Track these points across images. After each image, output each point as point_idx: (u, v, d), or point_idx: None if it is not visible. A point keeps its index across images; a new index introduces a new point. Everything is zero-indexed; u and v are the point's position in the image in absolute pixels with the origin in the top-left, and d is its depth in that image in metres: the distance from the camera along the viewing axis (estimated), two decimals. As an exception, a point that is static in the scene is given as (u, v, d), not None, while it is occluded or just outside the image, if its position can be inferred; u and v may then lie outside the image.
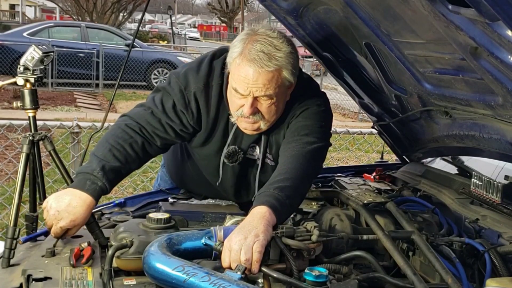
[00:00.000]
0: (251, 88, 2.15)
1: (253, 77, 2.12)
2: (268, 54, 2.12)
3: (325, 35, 2.76)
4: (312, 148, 2.23)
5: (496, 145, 2.35)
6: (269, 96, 2.17)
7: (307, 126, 2.30)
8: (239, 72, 2.15)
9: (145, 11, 3.12)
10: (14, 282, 1.84)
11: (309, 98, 2.37)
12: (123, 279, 1.84)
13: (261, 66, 2.11)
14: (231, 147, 2.39)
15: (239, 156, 2.40)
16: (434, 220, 2.37)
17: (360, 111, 13.53)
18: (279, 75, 2.15)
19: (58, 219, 2.03)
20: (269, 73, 2.12)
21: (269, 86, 2.14)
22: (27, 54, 2.11)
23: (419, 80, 2.45)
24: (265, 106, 2.20)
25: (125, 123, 2.30)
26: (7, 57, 14.68)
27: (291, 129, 2.32)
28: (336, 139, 6.66)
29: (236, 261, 1.73)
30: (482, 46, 1.71)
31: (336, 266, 1.89)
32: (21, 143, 2.15)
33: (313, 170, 2.26)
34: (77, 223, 2.05)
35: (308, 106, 2.34)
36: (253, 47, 2.12)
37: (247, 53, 2.12)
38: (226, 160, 2.41)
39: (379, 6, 2.16)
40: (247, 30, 2.21)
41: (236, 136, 2.38)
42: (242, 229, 1.81)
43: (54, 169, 6.00)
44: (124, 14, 32.00)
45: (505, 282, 1.71)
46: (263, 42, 2.13)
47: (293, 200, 2.06)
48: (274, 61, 2.12)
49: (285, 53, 2.14)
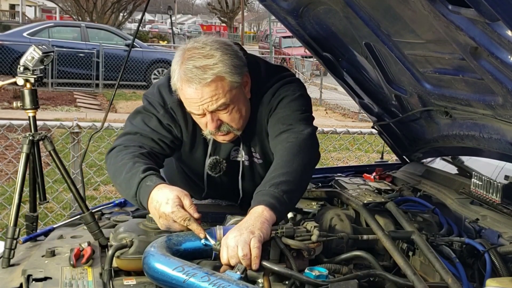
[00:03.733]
0: (202, 106, 2.11)
1: (197, 95, 2.08)
2: (201, 67, 2.07)
3: (325, 35, 2.76)
4: (301, 138, 2.17)
5: (496, 145, 2.35)
6: (223, 105, 2.12)
7: (289, 116, 2.24)
8: (185, 96, 2.13)
9: (145, 11, 3.12)
10: (14, 282, 1.84)
11: (282, 87, 2.30)
12: (123, 279, 1.84)
13: (199, 82, 2.06)
14: (212, 158, 2.36)
15: (222, 166, 2.36)
16: (434, 220, 2.37)
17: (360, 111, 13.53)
18: (222, 81, 2.09)
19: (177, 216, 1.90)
20: (210, 84, 2.07)
21: (217, 96, 2.09)
22: (27, 54, 2.11)
23: (419, 80, 2.45)
24: (227, 116, 2.16)
25: (122, 148, 2.19)
26: (7, 57, 14.69)
27: (272, 123, 2.27)
28: (336, 139, 6.66)
29: (234, 257, 1.73)
30: (482, 46, 1.71)
31: (336, 266, 1.89)
32: (21, 143, 2.16)
33: (309, 158, 2.17)
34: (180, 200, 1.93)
35: (283, 95, 2.28)
36: (187, 67, 2.08)
37: (183, 75, 2.08)
38: (210, 172, 2.37)
39: (379, 6, 2.16)
40: (179, 50, 2.16)
41: (216, 146, 2.35)
42: (238, 227, 1.82)
43: (54, 169, 6.00)
44: (124, 14, 31.99)
45: (505, 282, 1.71)
46: (194, 57, 2.08)
47: (291, 194, 2.01)
48: (209, 71, 2.06)
49: (217, 59, 2.08)
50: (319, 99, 16.62)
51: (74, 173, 4.95)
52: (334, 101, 16.75)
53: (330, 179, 2.99)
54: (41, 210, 5.22)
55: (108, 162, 2.22)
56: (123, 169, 2.09)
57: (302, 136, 2.18)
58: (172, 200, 1.90)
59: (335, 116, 14.84)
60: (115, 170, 2.14)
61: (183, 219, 1.88)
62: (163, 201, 1.91)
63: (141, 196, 1.99)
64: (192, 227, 1.87)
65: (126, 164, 2.09)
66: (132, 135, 2.25)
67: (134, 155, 2.13)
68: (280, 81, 2.32)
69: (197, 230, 1.86)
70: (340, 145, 6.98)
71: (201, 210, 1.96)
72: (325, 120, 13.44)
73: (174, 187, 1.98)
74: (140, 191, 2.00)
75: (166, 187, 1.97)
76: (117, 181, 2.12)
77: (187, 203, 1.93)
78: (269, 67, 2.35)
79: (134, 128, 2.28)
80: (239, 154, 2.38)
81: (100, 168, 6.62)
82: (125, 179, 2.06)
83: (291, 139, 2.17)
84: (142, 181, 2.00)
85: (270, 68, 2.36)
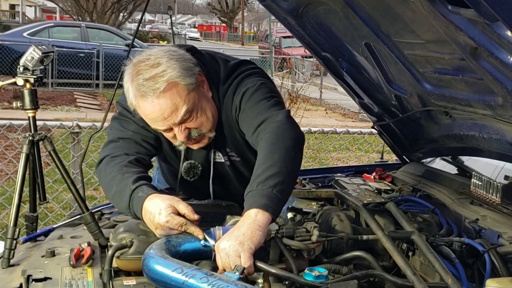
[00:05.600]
0: (166, 120, 2.05)
1: (155, 108, 2.02)
2: (151, 78, 2.01)
3: (325, 35, 2.76)
4: (277, 125, 2.04)
5: (496, 145, 2.35)
6: (187, 112, 2.06)
7: (256, 109, 2.14)
8: (145, 113, 2.07)
9: (145, 11, 3.12)
10: (14, 282, 1.84)
11: (240, 84, 2.22)
12: (123, 279, 1.84)
13: (153, 92, 2.00)
14: (186, 163, 2.32)
15: (197, 171, 2.32)
16: (434, 220, 2.37)
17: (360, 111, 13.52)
18: (176, 87, 2.03)
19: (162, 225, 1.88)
20: (165, 93, 2.01)
21: (177, 105, 2.04)
22: (26, 54, 2.11)
23: (419, 80, 2.45)
24: (193, 122, 2.11)
25: (110, 160, 2.15)
26: (7, 57, 14.69)
27: (245, 122, 2.18)
28: (336, 139, 6.66)
29: (227, 266, 1.71)
30: (481, 46, 1.71)
31: (336, 266, 1.89)
32: (21, 143, 2.15)
33: (291, 143, 2.00)
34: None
35: (243, 91, 2.19)
36: (137, 82, 2.02)
37: (136, 91, 2.03)
38: (185, 176, 2.33)
39: (379, 6, 2.16)
40: (126, 69, 2.10)
41: (188, 151, 2.30)
42: (229, 235, 1.77)
43: (54, 169, 6.00)
44: (124, 14, 31.98)
45: (505, 282, 1.71)
46: (141, 71, 2.03)
47: (281, 186, 1.88)
48: (160, 79, 2.00)
49: (165, 65, 2.02)
50: (319, 99, 16.62)
51: (74, 173, 4.95)
52: (334, 101, 16.74)
53: (330, 179, 2.99)
54: (41, 210, 5.22)
55: (99, 176, 2.19)
56: (113, 182, 2.06)
57: (277, 123, 2.05)
58: (165, 210, 1.87)
59: (335, 116, 14.84)
60: (106, 184, 2.11)
61: (179, 225, 1.85)
62: (156, 212, 1.87)
63: (135, 208, 1.96)
64: (190, 230, 1.85)
65: (115, 176, 2.06)
66: (115, 142, 2.23)
67: (122, 166, 2.10)
68: (238, 78, 2.25)
69: (196, 232, 1.85)
70: (340, 145, 6.98)
71: (200, 210, 1.95)
72: (325, 120, 13.45)
73: (165, 196, 1.94)
74: (132, 203, 1.97)
75: (157, 196, 1.93)
76: (110, 195, 2.10)
77: (181, 207, 1.89)
78: (227, 65, 2.29)
79: (115, 134, 2.26)
80: (216, 156, 2.34)
81: (100, 168, 6.61)
82: (117, 192, 2.04)
83: (268, 130, 2.04)
84: (134, 192, 1.97)
85: (229, 66, 2.30)
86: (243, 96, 2.19)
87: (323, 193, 2.66)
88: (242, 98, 2.19)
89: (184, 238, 1.84)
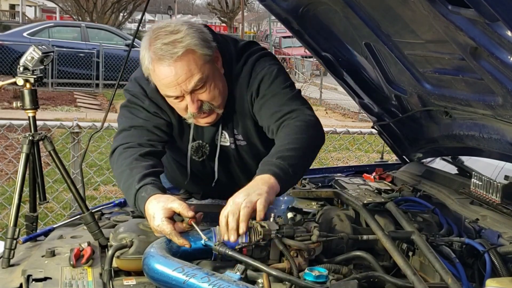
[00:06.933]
0: (179, 85, 2.09)
1: (171, 72, 2.07)
2: (170, 42, 2.05)
3: (325, 35, 2.76)
4: (307, 118, 2.17)
5: (496, 145, 2.35)
6: (200, 81, 2.10)
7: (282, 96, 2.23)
8: (159, 77, 2.10)
9: (145, 11, 3.12)
10: (14, 282, 1.84)
11: (256, 65, 2.29)
12: (123, 279, 1.84)
13: (171, 56, 2.04)
14: (195, 143, 2.36)
15: (205, 150, 2.37)
16: (434, 220, 2.36)
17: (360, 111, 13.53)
18: (193, 54, 2.08)
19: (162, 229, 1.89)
20: (182, 59, 2.05)
21: (192, 72, 2.08)
22: (26, 54, 2.11)
23: (419, 80, 2.45)
24: (206, 95, 2.15)
25: (122, 151, 2.19)
26: (7, 57, 14.69)
27: (265, 107, 2.23)
28: (336, 139, 6.66)
29: (234, 213, 1.78)
30: (482, 46, 1.71)
31: (336, 266, 1.89)
32: (21, 143, 2.15)
33: (317, 140, 2.19)
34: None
35: (262, 75, 2.25)
36: (155, 47, 2.07)
37: (153, 55, 2.07)
38: (194, 156, 2.38)
39: (379, 6, 2.16)
40: (144, 37, 2.15)
41: (198, 131, 2.35)
42: (246, 189, 1.85)
43: (54, 169, 6.00)
44: (124, 14, 31.97)
45: (505, 282, 1.70)
46: (161, 36, 2.07)
47: (296, 168, 2.00)
48: (178, 44, 2.05)
49: (184, 32, 2.07)
50: (319, 99, 16.62)
51: (74, 173, 4.95)
52: (334, 101, 16.74)
53: (330, 179, 2.99)
54: (41, 210, 5.22)
55: (112, 167, 2.24)
56: (122, 177, 2.09)
57: (309, 117, 2.19)
58: (158, 213, 1.87)
59: (335, 116, 14.84)
60: (117, 177, 2.15)
61: (166, 233, 1.84)
62: (151, 215, 1.90)
63: (140, 208, 1.99)
64: (174, 240, 1.84)
65: (124, 171, 2.09)
66: (127, 131, 2.26)
67: (132, 159, 2.12)
68: (251, 58, 2.31)
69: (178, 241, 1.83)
70: (340, 145, 6.98)
71: (201, 210, 1.95)
72: (325, 120, 13.44)
73: (163, 197, 1.94)
74: (137, 203, 2.00)
75: (155, 198, 1.93)
76: (120, 188, 2.14)
77: (175, 206, 1.88)
78: (237, 45, 2.34)
79: (126, 122, 2.29)
80: (222, 137, 2.37)
81: (100, 168, 6.61)
82: (124, 188, 2.07)
83: (299, 119, 2.15)
84: (138, 192, 1.99)
85: (239, 46, 2.35)
86: (261, 81, 2.25)
87: (323, 193, 2.65)
88: (260, 83, 2.25)
89: (184, 237, 1.84)
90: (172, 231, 1.84)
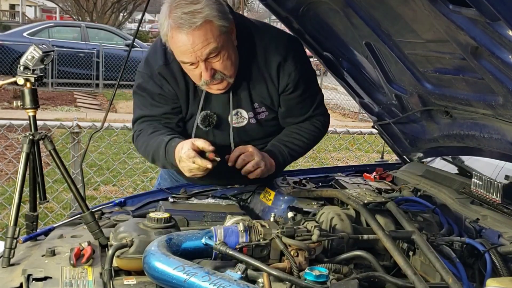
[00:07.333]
0: (195, 52, 2.22)
1: (188, 40, 2.20)
2: (190, 12, 2.18)
3: (325, 34, 2.76)
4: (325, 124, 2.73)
5: (497, 145, 2.35)
6: (215, 50, 2.24)
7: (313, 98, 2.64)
8: (176, 44, 2.24)
9: (145, 11, 3.12)
10: (14, 281, 1.84)
11: (288, 40, 2.55)
12: (123, 278, 1.84)
13: (190, 26, 2.17)
14: (203, 112, 2.50)
15: (212, 119, 2.51)
16: (434, 220, 2.36)
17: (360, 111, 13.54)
18: (211, 25, 2.21)
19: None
20: (200, 29, 2.18)
21: (208, 41, 2.21)
22: (27, 53, 2.11)
23: (419, 80, 2.45)
24: (219, 64, 2.29)
25: (143, 126, 2.52)
26: (7, 57, 14.70)
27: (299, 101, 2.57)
28: (336, 139, 6.66)
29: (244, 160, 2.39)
30: (482, 46, 1.71)
31: (336, 266, 1.89)
32: (21, 142, 2.15)
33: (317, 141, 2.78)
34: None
35: (295, 62, 2.49)
36: (175, 15, 2.19)
37: (172, 23, 2.21)
38: (200, 125, 2.51)
39: (379, 6, 2.16)
40: (164, 5, 2.28)
41: (207, 99, 2.49)
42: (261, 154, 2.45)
43: (54, 169, 6.01)
44: (124, 14, 31.98)
45: (505, 282, 1.70)
46: (181, 5, 2.20)
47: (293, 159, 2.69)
48: (198, 15, 2.18)
49: (204, 3, 2.20)
50: (319, 99, 16.59)
51: (74, 173, 4.95)
52: (334, 101, 16.75)
53: (330, 178, 2.99)
54: (41, 210, 5.22)
55: (137, 147, 2.59)
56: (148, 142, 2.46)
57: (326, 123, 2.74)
58: (185, 146, 2.25)
59: (335, 116, 14.85)
60: (143, 145, 2.49)
61: (191, 156, 2.21)
62: (180, 150, 2.27)
63: (169, 154, 2.34)
64: (197, 162, 2.21)
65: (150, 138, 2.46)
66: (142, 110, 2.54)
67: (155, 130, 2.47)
68: (275, 30, 2.60)
69: (201, 163, 2.21)
70: (340, 145, 6.98)
71: (201, 210, 1.97)
72: (325, 120, 13.42)
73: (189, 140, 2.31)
74: (168, 152, 2.35)
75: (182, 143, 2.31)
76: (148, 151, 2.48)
77: (198, 142, 2.25)
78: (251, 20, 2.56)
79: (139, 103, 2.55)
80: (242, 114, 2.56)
81: (100, 168, 6.62)
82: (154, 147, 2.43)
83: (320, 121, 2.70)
84: (168, 144, 2.35)
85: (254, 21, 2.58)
86: (288, 58, 2.47)
87: (324, 192, 2.65)
88: (295, 70, 2.49)
89: (185, 236, 1.84)
90: (196, 155, 2.21)
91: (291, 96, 2.53)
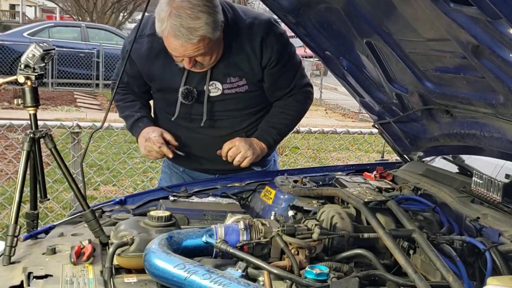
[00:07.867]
0: (184, 55, 2.45)
1: (181, 47, 2.40)
2: (189, 28, 2.32)
3: (325, 33, 2.76)
4: (309, 96, 2.95)
5: (497, 144, 2.35)
6: (203, 54, 2.46)
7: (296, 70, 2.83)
8: (169, 45, 2.44)
9: (145, 11, 3.11)
10: (15, 279, 1.84)
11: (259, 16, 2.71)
12: (124, 276, 1.84)
13: (186, 40, 2.35)
14: (184, 88, 2.63)
15: (194, 95, 2.67)
16: (435, 219, 2.36)
17: (360, 111, 13.55)
18: (205, 38, 2.39)
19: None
20: (195, 43, 2.38)
21: (199, 50, 2.42)
22: (28, 51, 2.11)
23: (420, 79, 2.44)
24: (202, 58, 2.50)
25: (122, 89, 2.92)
26: (7, 57, 14.70)
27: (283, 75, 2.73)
28: (336, 139, 6.66)
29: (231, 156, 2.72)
30: (483, 44, 1.71)
31: (337, 264, 1.89)
32: (22, 140, 2.15)
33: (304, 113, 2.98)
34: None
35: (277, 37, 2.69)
36: (175, 24, 2.30)
37: (170, 28, 2.33)
38: (183, 100, 2.69)
39: (380, 5, 2.16)
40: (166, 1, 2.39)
41: (188, 76, 2.66)
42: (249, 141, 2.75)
43: (54, 169, 6.01)
44: (124, 14, 31.99)
45: (506, 280, 1.70)
46: (182, 15, 2.31)
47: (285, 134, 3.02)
48: (196, 33, 2.34)
49: (203, 22, 2.33)
50: (319, 99, 16.63)
51: (74, 173, 4.95)
52: (334, 101, 16.76)
53: (331, 177, 2.99)
54: (41, 210, 5.22)
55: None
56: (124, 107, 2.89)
57: (310, 94, 2.96)
58: (156, 132, 2.70)
59: (335, 116, 14.86)
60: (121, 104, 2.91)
61: (160, 142, 2.66)
62: (151, 131, 2.70)
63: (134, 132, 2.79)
64: (163, 150, 2.68)
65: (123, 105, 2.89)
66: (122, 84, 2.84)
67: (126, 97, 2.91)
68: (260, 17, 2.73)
69: (166, 152, 2.69)
70: (340, 145, 6.98)
71: (202, 208, 1.97)
72: (325, 120, 13.46)
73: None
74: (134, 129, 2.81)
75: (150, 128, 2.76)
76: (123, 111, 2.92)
77: (166, 135, 2.71)
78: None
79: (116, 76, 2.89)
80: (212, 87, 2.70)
81: (100, 168, 6.62)
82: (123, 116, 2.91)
83: (303, 92, 2.89)
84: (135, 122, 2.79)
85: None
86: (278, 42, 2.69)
87: (324, 191, 2.65)
88: (277, 43, 2.69)
89: (186, 234, 1.85)
90: (164, 143, 2.67)
91: (275, 69, 2.68)
